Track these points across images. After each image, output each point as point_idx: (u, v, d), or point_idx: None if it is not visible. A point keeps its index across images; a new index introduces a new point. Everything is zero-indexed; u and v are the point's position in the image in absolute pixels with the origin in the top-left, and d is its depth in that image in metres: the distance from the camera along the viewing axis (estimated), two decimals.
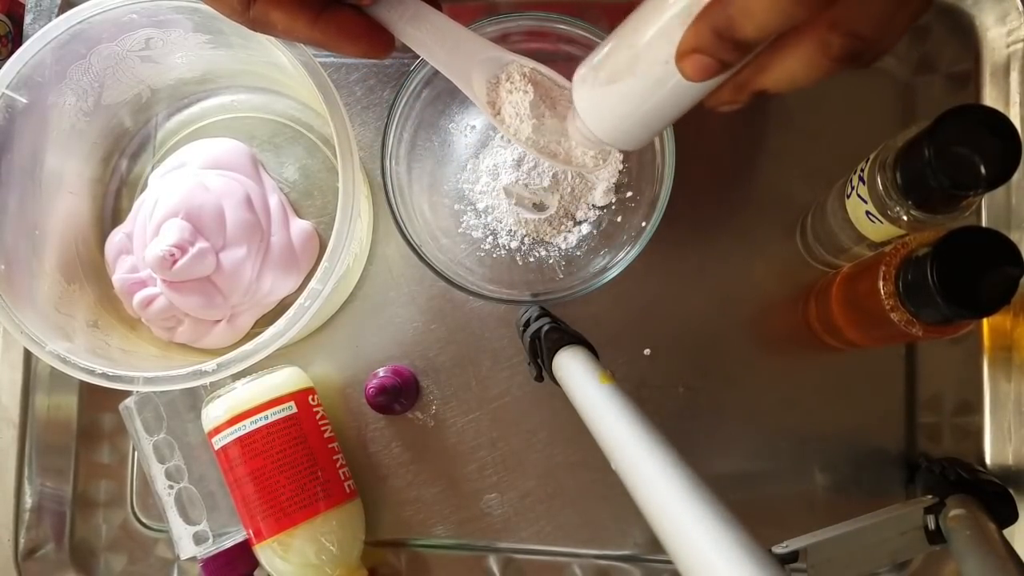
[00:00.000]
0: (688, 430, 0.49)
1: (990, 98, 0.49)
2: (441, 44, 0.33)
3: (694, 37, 0.24)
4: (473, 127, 0.50)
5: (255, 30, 0.32)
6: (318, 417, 0.48)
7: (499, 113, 0.33)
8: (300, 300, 0.41)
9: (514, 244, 0.49)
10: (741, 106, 0.27)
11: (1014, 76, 0.48)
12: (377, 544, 0.50)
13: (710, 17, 0.23)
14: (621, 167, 0.48)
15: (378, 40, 0.32)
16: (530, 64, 0.33)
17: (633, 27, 0.27)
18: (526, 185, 0.48)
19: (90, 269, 0.52)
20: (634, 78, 0.27)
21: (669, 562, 0.25)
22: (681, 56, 0.25)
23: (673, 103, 0.27)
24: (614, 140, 0.30)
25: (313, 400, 0.48)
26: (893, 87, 0.50)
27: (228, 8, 0.31)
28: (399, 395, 0.48)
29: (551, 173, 0.48)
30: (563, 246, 0.49)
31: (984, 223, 0.48)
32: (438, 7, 0.33)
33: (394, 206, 0.46)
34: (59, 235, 0.50)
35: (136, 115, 0.54)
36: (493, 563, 0.49)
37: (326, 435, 0.48)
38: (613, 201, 0.49)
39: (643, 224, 0.45)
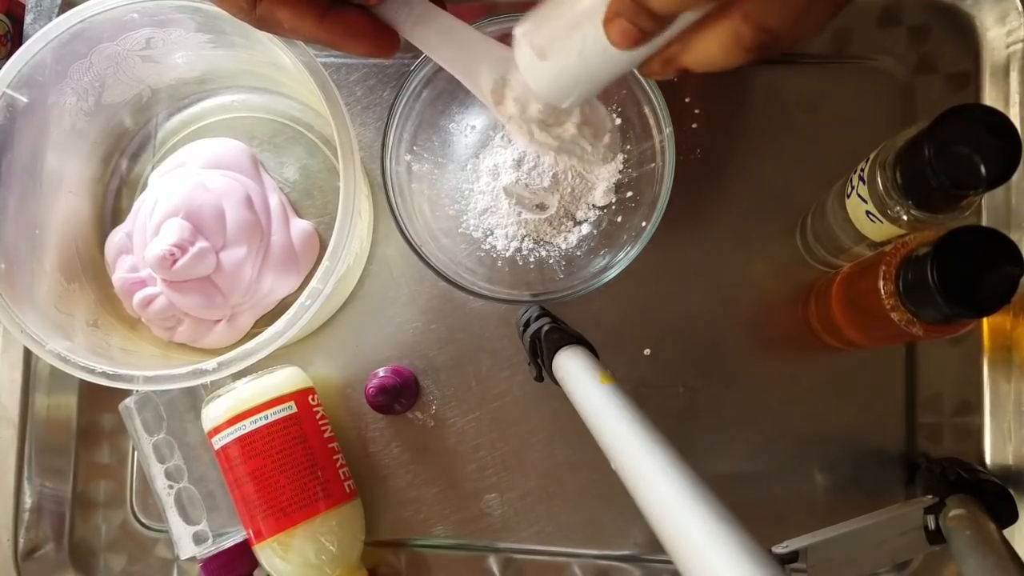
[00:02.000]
0: (688, 430, 0.49)
1: (990, 98, 0.49)
2: (448, 44, 0.33)
3: (617, 3, 0.26)
4: (473, 127, 0.50)
5: (261, 29, 0.32)
6: (318, 417, 0.48)
7: (506, 111, 0.33)
8: (300, 300, 0.41)
9: (514, 244, 0.49)
10: (671, 78, 0.29)
11: (1014, 76, 0.48)
12: (377, 544, 0.50)
13: None
14: (621, 167, 0.48)
15: (385, 40, 0.32)
16: None
17: None
18: (526, 185, 0.48)
19: (90, 268, 0.52)
20: (571, 42, 0.28)
21: (669, 562, 0.25)
22: (607, 21, 0.26)
23: (607, 68, 0.29)
24: (552, 97, 0.31)
25: (313, 400, 0.48)
26: (893, 87, 0.50)
27: (234, 7, 0.31)
28: (399, 395, 0.48)
29: (551, 173, 0.48)
30: (563, 246, 0.49)
31: (984, 223, 0.48)
32: (443, 6, 0.33)
33: (394, 206, 0.46)
34: (59, 234, 0.50)
35: (136, 115, 0.54)
36: (493, 563, 0.49)
37: (326, 435, 0.48)
38: (613, 201, 0.49)
39: (643, 224, 0.45)
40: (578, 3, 0.28)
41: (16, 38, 0.55)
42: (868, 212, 0.39)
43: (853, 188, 0.40)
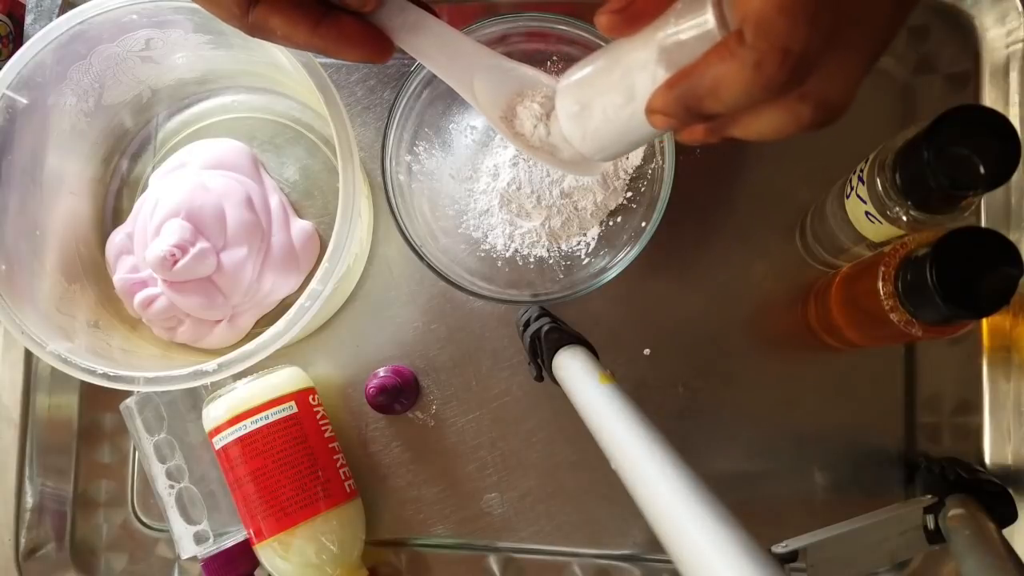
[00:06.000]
0: (688, 430, 0.49)
1: (989, 98, 0.49)
2: (441, 52, 0.33)
3: (662, 102, 0.26)
4: (473, 128, 0.50)
5: (254, 35, 0.32)
6: (318, 417, 0.48)
7: (512, 123, 0.33)
8: (301, 300, 0.41)
9: (514, 244, 0.49)
10: (713, 143, 0.28)
11: (1013, 76, 0.48)
12: (377, 543, 0.50)
13: (679, 89, 0.25)
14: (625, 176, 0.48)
15: (378, 45, 0.32)
16: (544, 78, 0.34)
17: (607, 64, 0.28)
18: (518, 189, 0.48)
19: (91, 269, 0.52)
20: (606, 110, 0.29)
21: (668, 561, 0.25)
22: (649, 112, 0.26)
23: (641, 134, 0.29)
24: (590, 153, 0.32)
25: (314, 400, 0.49)
26: (893, 87, 0.50)
27: (227, 13, 0.31)
28: (399, 395, 0.48)
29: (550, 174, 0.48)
30: (563, 246, 0.49)
31: (983, 223, 0.48)
32: (434, 15, 0.33)
33: (394, 206, 0.46)
34: (60, 235, 0.50)
35: (137, 115, 0.54)
36: (493, 562, 0.49)
37: (326, 435, 0.48)
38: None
39: (643, 224, 0.45)
40: (611, 77, 0.28)
41: (17, 39, 0.55)
42: (867, 213, 0.39)
43: (852, 189, 0.40)
